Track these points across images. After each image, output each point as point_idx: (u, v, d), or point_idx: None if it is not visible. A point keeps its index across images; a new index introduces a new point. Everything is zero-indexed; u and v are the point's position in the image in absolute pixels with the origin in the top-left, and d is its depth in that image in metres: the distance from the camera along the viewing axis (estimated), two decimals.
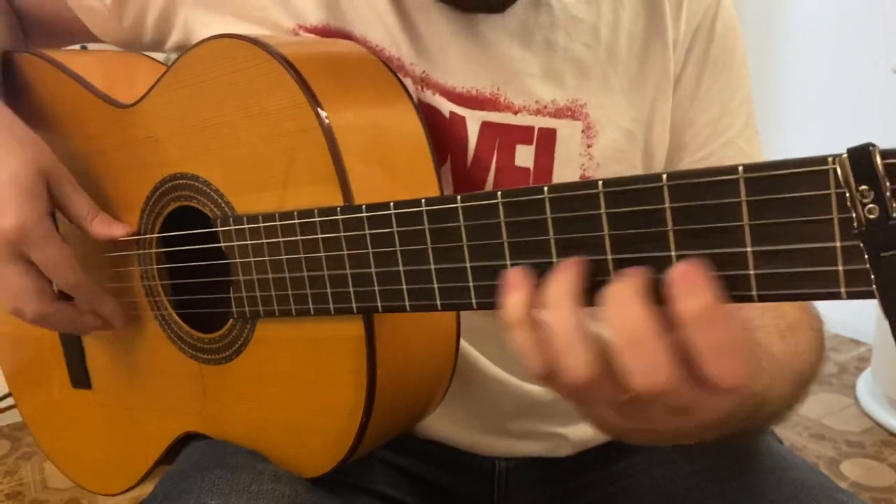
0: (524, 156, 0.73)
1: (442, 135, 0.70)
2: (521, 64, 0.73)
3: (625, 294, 0.42)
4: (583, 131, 0.74)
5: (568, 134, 0.74)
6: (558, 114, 0.74)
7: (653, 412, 0.45)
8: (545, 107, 0.73)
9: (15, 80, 0.83)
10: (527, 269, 0.46)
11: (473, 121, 0.72)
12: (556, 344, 0.44)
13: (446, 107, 0.72)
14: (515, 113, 0.73)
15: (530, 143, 0.73)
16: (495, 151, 0.73)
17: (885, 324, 0.36)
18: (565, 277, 0.44)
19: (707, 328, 0.40)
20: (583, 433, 0.84)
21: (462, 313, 0.68)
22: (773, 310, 0.66)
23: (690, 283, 0.40)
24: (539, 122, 0.73)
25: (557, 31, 0.73)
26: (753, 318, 0.65)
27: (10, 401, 1.93)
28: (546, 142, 0.73)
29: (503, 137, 0.73)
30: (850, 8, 2.46)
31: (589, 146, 0.74)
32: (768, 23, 2.73)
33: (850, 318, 2.46)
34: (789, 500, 0.68)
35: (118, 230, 0.76)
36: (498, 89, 0.73)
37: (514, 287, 0.46)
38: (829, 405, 2.18)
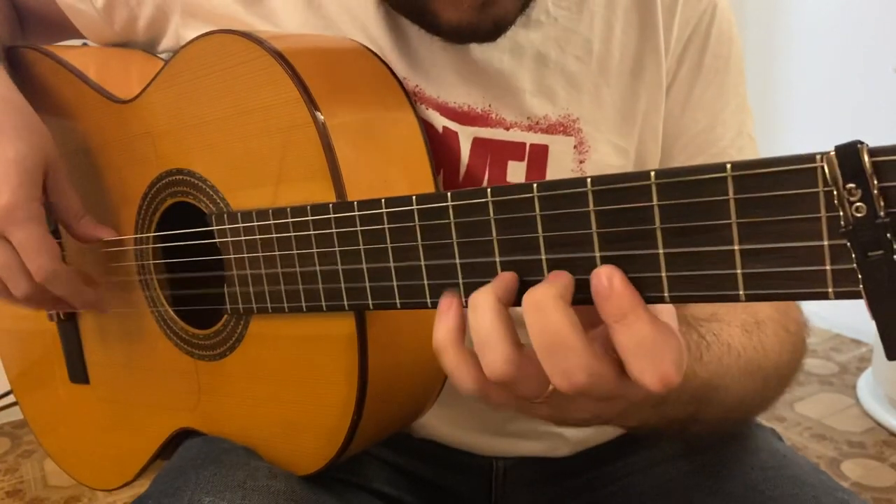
0: (515, 172, 0.73)
1: (435, 149, 0.70)
2: (512, 79, 0.72)
3: (543, 299, 0.44)
4: (575, 147, 0.74)
5: (560, 150, 0.73)
6: (550, 129, 0.73)
7: (580, 403, 0.49)
8: (537, 122, 0.73)
9: (15, 75, 0.83)
10: (455, 294, 0.49)
11: (465, 136, 0.72)
12: (476, 341, 0.47)
13: (439, 121, 0.71)
14: (507, 129, 0.73)
15: (522, 159, 0.73)
16: (487, 167, 0.73)
17: None
18: (489, 286, 0.47)
19: (626, 330, 0.42)
20: (581, 433, 0.84)
21: None
22: (744, 307, 0.67)
23: (607, 288, 0.42)
24: (531, 139, 0.73)
25: (549, 44, 0.73)
26: (717, 311, 0.66)
27: (10, 398, 1.94)
28: (538, 158, 0.73)
29: (494, 153, 0.73)
30: (852, 8, 2.45)
31: (581, 161, 0.74)
32: (770, 23, 2.72)
33: (851, 318, 2.46)
34: (789, 497, 0.68)
35: (104, 232, 0.76)
36: (490, 105, 0.72)
37: (442, 315, 0.49)
38: (830, 405, 2.18)
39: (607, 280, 0.42)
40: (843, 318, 2.51)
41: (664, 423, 0.59)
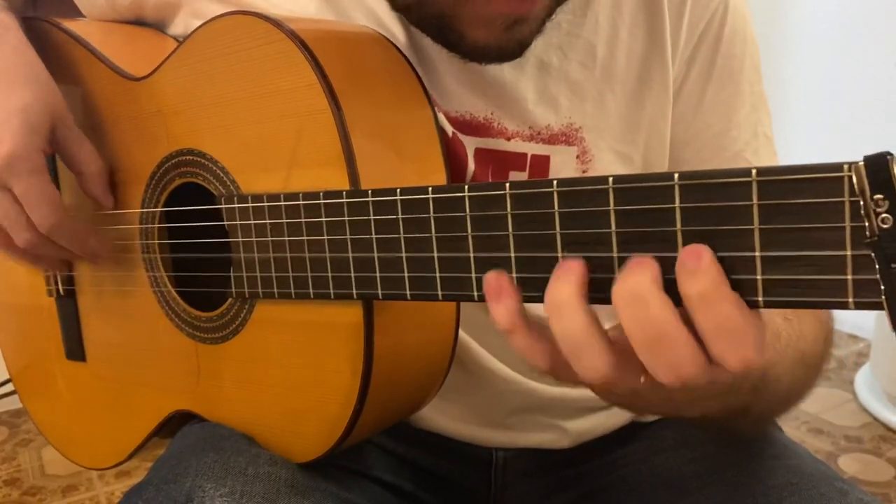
0: None
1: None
2: (514, 88, 0.71)
3: (641, 289, 0.41)
4: (577, 156, 0.72)
5: (562, 160, 0.72)
6: (552, 140, 0.72)
7: (666, 391, 0.45)
8: (539, 133, 0.72)
9: None
10: (502, 271, 0.46)
11: (468, 146, 0.71)
12: (568, 347, 0.44)
13: (449, 128, 0.70)
14: (508, 139, 0.72)
15: (523, 169, 0.72)
16: (489, 178, 0.72)
17: (885, 320, 0.36)
18: (568, 279, 0.43)
19: (710, 310, 0.40)
20: (582, 426, 0.83)
21: (464, 308, 0.67)
22: None
23: (693, 265, 0.40)
24: (532, 149, 0.72)
25: (551, 51, 0.71)
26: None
27: (8, 388, 1.93)
28: (539, 169, 0.72)
29: (496, 164, 0.72)
30: (854, 6, 2.43)
31: (584, 171, 0.73)
32: (771, 22, 2.70)
33: (849, 313, 2.46)
34: (789, 486, 0.68)
35: (107, 199, 0.76)
36: (491, 114, 0.71)
37: (497, 296, 0.46)
38: (827, 400, 2.18)
39: (695, 256, 0.40)
40: (842, 313, 2.51)
41: (722, 414, 0.58)
